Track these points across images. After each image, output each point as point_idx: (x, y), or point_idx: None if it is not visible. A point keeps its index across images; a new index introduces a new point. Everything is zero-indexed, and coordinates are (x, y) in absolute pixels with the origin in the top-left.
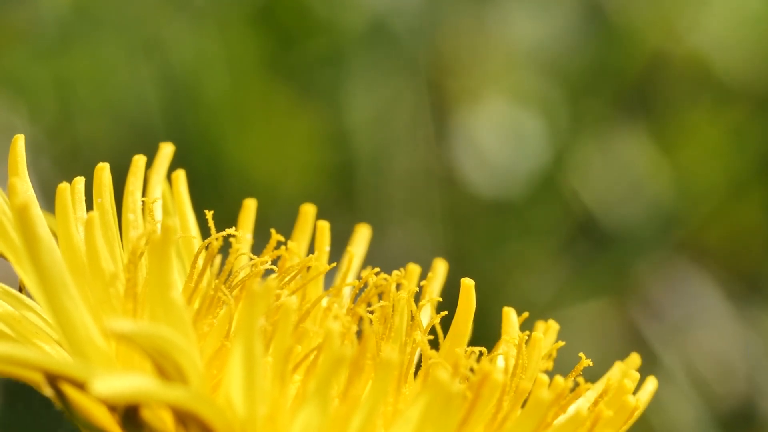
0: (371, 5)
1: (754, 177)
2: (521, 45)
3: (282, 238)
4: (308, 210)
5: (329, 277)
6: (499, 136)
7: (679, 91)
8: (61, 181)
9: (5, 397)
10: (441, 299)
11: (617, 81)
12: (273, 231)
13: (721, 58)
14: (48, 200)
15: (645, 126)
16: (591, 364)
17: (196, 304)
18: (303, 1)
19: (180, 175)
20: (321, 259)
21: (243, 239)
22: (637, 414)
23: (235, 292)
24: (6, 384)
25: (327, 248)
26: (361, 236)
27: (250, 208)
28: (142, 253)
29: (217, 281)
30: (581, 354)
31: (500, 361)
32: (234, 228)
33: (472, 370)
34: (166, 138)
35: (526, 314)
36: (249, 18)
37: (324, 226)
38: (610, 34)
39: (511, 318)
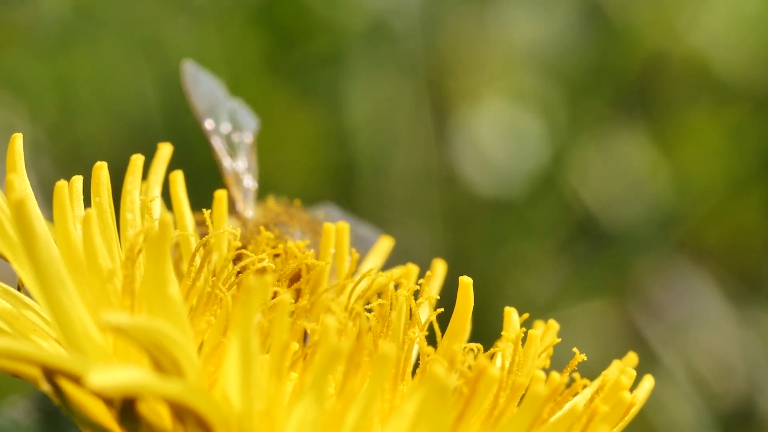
0: (371, 5)
1: (753, 176)
2: (521, 45)
3: (272, 236)
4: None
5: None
6: (499, 136)
7: (678, 91)
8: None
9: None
10: (439, 298)
11: (617, 81)
12: (263, 229)
13: (720, 57)
14: (48, 200)
15: (644, 126)
16: (585, 358)
17: (193, 301)
18: (303, 1)
19: (177, 176)
20: (326, 259)
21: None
22: (634, 411)
23: (232, 291)
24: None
25: (332, 250)
26: (383, 248)
27: (222, 200)
28: (139, 251)
29: (214, 278)
30: (575, 349)
31: (498, 359)
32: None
33: (469, 367)
34: (166, 138)
35: (526, 315)
36: (249, 18)
37: (329, 228)
38: (610, 34)
39: (512, 318)
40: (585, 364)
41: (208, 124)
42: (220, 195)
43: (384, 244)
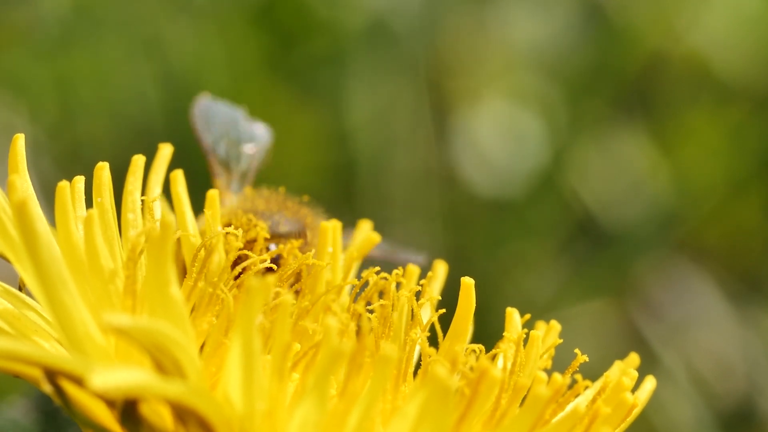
0: (371, 5)
1: (753, 177)
2: (521, 45)
3: (268, 235)
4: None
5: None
6: (499, 136)
7: (678, 91)
8: (61, 181)
9: (36, 413)
10: (440, 299)
11: (617, 81)
12: (260, 230)
13: (720, 58)
14: (48, 200)
15: (644, 126)
16: (587, 359)
17: (195, 302)
18: (303, 2)
19: (178, 175)
20: (323, 258)
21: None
22: (635, 412)
23: (233, 291)
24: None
25: (330, 249)
26: (363, 232)
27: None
28: (141, 251)
29: (216, 279)
30: (577, 350)
31: (500, 360)
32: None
33: (471, 368)
34: (166, 138)
35: (528, 316)
36: (249, 18)
37: (327, 227)
38: (610, 34)
39: (514, 319)
40: (585, 364)
41: (206, 141)
42: (213, 194)
43: (363, 229)
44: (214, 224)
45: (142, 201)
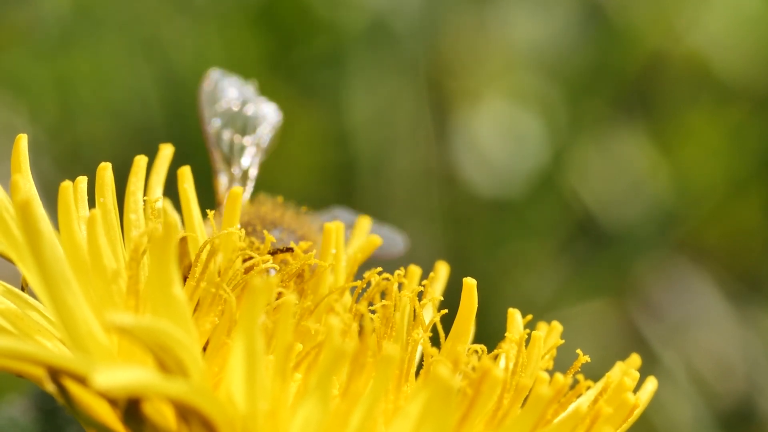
0: (371, 5)
1: (753, 177)
2: (521, 45)
3: (273, 239)
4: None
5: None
6: (499, 136)
7: (678, 91)
8: (62, 181)
9: (35, 412)
10: (442, 299)
11: (617, 81)
12: (266, 232)
13: (720, 58)
14: (49, 200)
15: (644, 126)
16: (589, 360)
17: (197, 301)
18: (303, 2)
19: (185, 171)
20: (325, 258)
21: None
22: (637, 412)
23: (236, 291)
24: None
25: (333, 250)
26: (363, 228)
27: (237, 196)
28: (144, 251)
29: (219, 279)
30: (579, 351)
31: (501, 360)
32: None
33: (473, 368)
34: (167, 138)
35: (529, 317)
36: (249, 18)
37: (329, 227)
38: (610, 34)
39: (515, 319)
40: (585, 364)
41: (210, 131)
42: (236, 192)
43: (363, 224)
44: (234, 223)
45: (144, 201)
